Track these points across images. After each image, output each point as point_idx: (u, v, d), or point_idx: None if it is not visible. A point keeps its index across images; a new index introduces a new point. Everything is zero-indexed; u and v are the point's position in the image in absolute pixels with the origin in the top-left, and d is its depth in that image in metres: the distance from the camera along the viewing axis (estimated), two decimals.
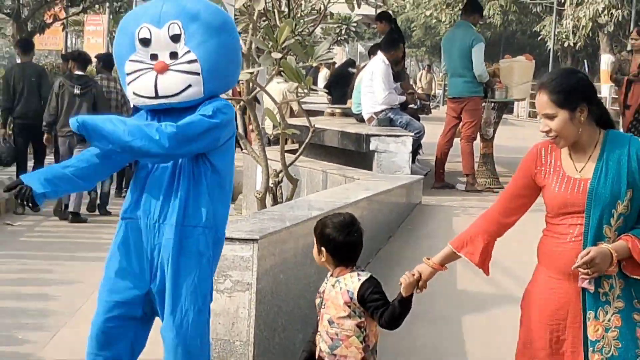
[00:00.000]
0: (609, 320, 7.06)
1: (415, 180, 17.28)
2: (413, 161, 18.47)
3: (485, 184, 18.78)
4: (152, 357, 9.59)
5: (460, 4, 29.06)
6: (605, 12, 49.82)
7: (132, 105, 8.88)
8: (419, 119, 20.54)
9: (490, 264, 8.06)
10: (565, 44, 54.29)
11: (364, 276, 7.33)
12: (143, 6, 9.02)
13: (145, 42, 8.38)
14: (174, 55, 8.38)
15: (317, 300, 7.73)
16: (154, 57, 8.41)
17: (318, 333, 7.63)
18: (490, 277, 9.56)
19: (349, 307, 7.26)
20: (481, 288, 13.16)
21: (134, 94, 8.44)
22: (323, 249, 7.57)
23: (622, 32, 49.96)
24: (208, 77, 8.38)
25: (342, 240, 7.51)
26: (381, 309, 7.26)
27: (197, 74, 8.32)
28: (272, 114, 15.30)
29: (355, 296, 7.25)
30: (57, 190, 8.22)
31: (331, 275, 7.55)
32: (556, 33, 54.43)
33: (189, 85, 8.31)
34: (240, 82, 14.75)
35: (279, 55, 13.68)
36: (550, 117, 7.12)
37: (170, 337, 8.43)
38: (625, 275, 7.01)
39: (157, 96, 8.34)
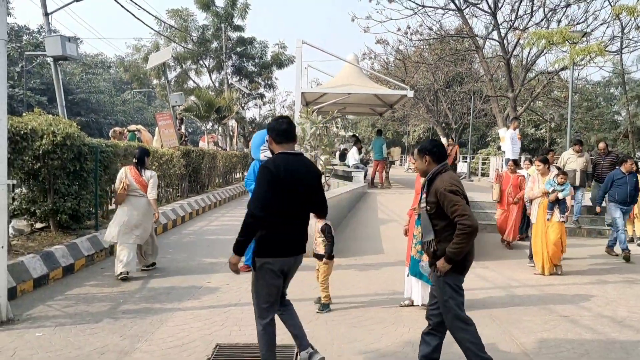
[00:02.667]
0: (419, 228, 6.92)
1: (365, 184, 17.12)
2: (365, 178, 18.32)
3: (387, 186, 18.40)
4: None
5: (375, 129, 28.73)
6: (423, 132, 49.41)
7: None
8: (366, 166, 20.44)
9: (395, 207, 7.90)
10: (411, 142, 53.24)
11: (323, 223, 6.66)
12: (262, 131, 8.70)
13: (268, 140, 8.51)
14: None
15: None
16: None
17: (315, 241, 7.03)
18: (393, 212, 9.33)
19: (319, 233, 6.86)
20: (389, 215, 12.99)
21: (265, 156, 8.12)
22: None
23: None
24: None
25: None
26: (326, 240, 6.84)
27: None
28: (323, 165, 15.30)
29: (320, 230, 6.80)
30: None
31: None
32: (408, 139, 53.57)
33: None
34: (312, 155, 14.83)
35: (323, 148, 13.71)
36: (415, 162, 7.08)
37: None
38: None
39: None
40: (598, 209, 12.51)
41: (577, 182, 13.64)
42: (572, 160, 13.93)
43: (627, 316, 7.06)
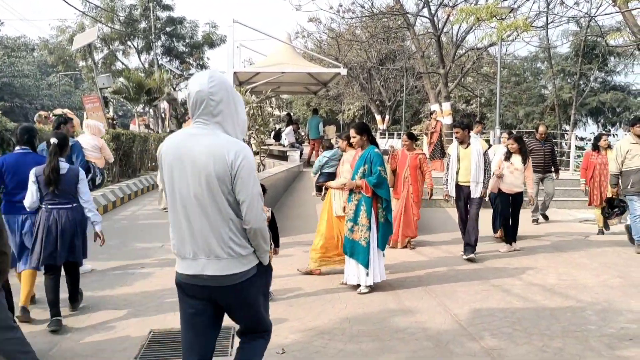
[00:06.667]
0: (350, 205, 6.89)
1: (301, 164, 17.09)
2: (300, 157, 18.25)
3: None
4: None
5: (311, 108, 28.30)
6: (358, 110, 49.34)
7: None
8: (301, 145, 20.32)
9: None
10: (346, 121, 52.79)
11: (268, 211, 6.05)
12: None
13: None
14: None
15: None
16: None
17: None
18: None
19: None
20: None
21: None
22: None
23: (366, 118, 48.75)
24: None
25: None
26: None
27: None
28: (259, 146, 15.13)
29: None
30: None
31: None
32: (343, 118, 53.27)
33: None
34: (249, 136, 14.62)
35: (257, 128, 13.59)
36: (354, 137, 6.92)
37: None
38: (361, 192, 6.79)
39: None
40: None
41: None
42: (636, 152, 9.30)
43: (556, 284, 7.28)
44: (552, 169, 12.03)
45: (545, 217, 12.46)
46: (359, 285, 6.89)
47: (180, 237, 3.08)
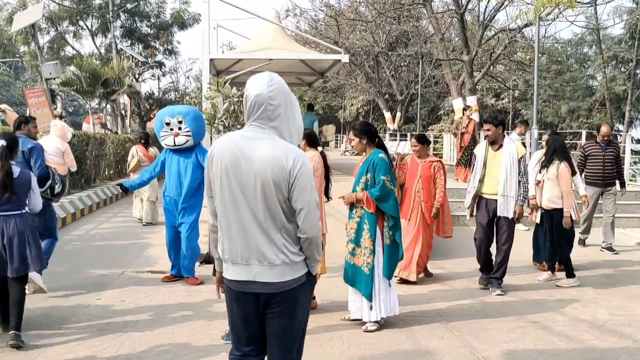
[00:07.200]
0: (351, 222, 6.86)
1: None
2: None
3: None
4: None
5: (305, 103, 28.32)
6: (362, 106, 49.19)
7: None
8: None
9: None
10: (348, 119, 52.62)
11: None
12: (166, 109, 9.50)
13: (168, 124, 8.90)
14: (179, 128, 8.84)
15: None
16: (171, 129, 8.88)
17: None
18: (328, 205, 8.89)
19: None
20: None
21: (165, 144, 8.98)
22: None
23: (372, 116, 48.68)
24: (194, 137, 8.92)
25: None
26: None
27: (190, 136, 8.86)
28: None
29: None
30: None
31: None
32: (344, 115, 53.10)
33: (187, 141, 8.87)
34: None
35: (239, 128, 13.52)
36: (352, 139, 6.92)
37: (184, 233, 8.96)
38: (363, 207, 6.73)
39: (174, 145, 8.87)
40: None
41: None
42: None
43: (608, 319, 7.29)
44: (616, 182, 11.57)
45: (611, 249, 11.69)
46: (365, 322, 6.85)
47: (231, 242, 3.54)
